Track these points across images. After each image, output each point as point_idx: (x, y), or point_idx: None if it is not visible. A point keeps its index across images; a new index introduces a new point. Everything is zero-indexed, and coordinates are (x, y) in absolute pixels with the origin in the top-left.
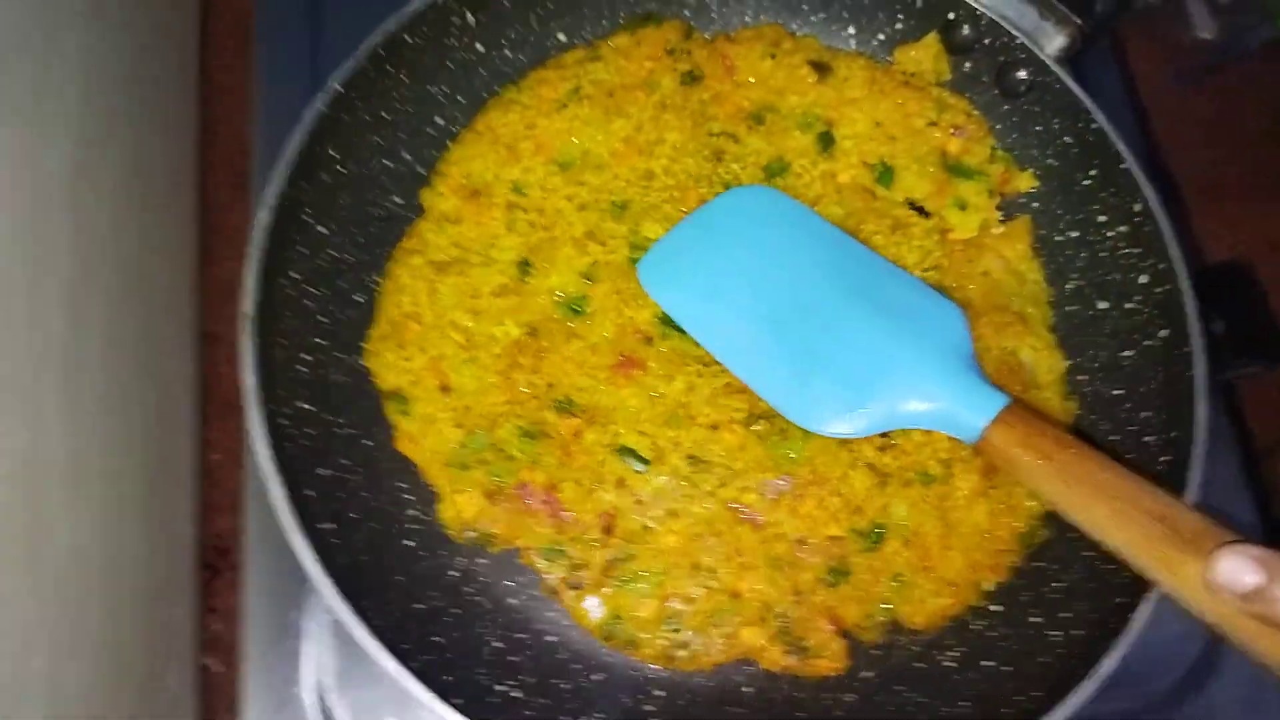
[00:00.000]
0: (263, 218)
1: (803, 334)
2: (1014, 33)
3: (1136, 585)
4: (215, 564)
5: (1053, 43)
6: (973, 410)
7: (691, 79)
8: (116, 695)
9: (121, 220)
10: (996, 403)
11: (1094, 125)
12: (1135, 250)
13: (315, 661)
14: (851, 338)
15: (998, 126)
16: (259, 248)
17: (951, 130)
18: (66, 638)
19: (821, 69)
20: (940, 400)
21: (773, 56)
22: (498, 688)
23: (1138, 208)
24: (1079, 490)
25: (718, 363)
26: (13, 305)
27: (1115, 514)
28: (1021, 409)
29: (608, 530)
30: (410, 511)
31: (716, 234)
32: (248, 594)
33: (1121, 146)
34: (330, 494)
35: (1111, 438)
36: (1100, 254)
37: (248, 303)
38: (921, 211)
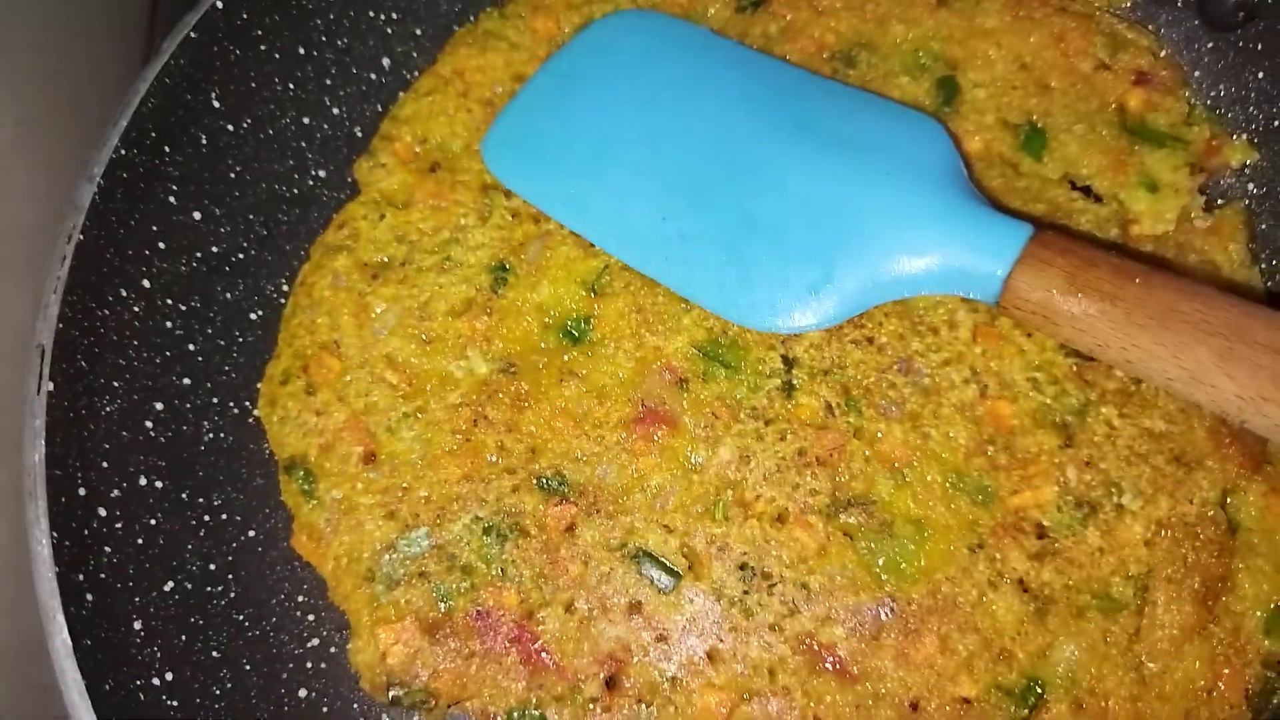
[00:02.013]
0: (82, 198)
1: (732, 198)
2: None
3: None
4: None
5: None
6: (985, 252)
7: (752, 3)
8: None
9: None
10: (1019, 234)
11: None
12: None
13: None
14: (798, 189)
15: (1198, 73)
16: (71, 243)
17: (1132, 77)
18: None
19: None
20: (937, 247)
21: None
22: None
23: None
24: (1164, 334)
25: (784, 417)
26: None
27: (1223, 356)
28: (1057, 237)
29: (612, 684)
30: (310, 644)
31: (585, 84)
32: None
33: None
34: (177, 623)
35: None
36: None
37: (44, 331)
38: (1089, 194)
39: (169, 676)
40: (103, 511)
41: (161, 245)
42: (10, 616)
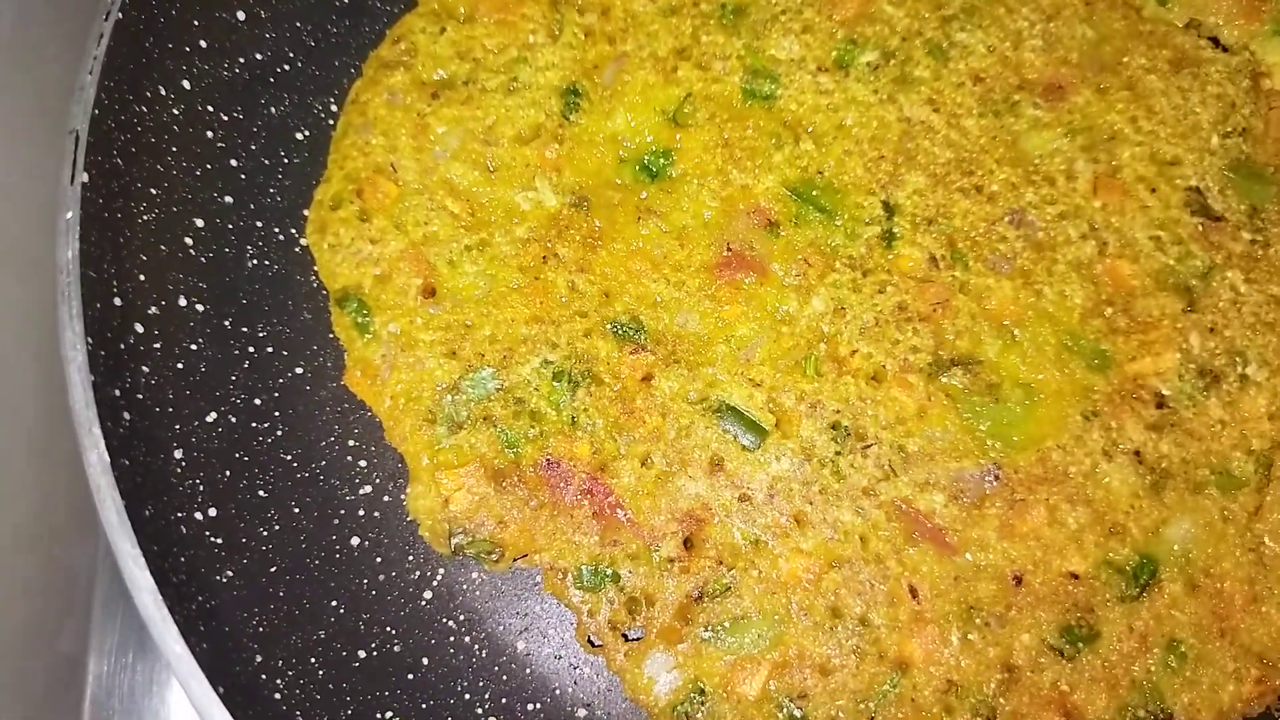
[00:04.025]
0: None
1: None
2: None
3: None
4: None
5: None
6: None
7: None
8: None
9: None
10: None
11: None
12: None
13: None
14: None
15: None
16: (109, 20)
17: None
18: None
19: None
20: None
21: None
22: None
23: None
24: None
25: (884, 268)
26: None
27: None
28: None
29: (690, 544)
30: (362, 491)
31: None
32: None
33: None
34: (220, 456)
35: None
36: None
37: (79, 115)
38: (1218, 44)
39: (212, 512)
40: (139, 327)
41: (202, 43)
42: (45, 427)
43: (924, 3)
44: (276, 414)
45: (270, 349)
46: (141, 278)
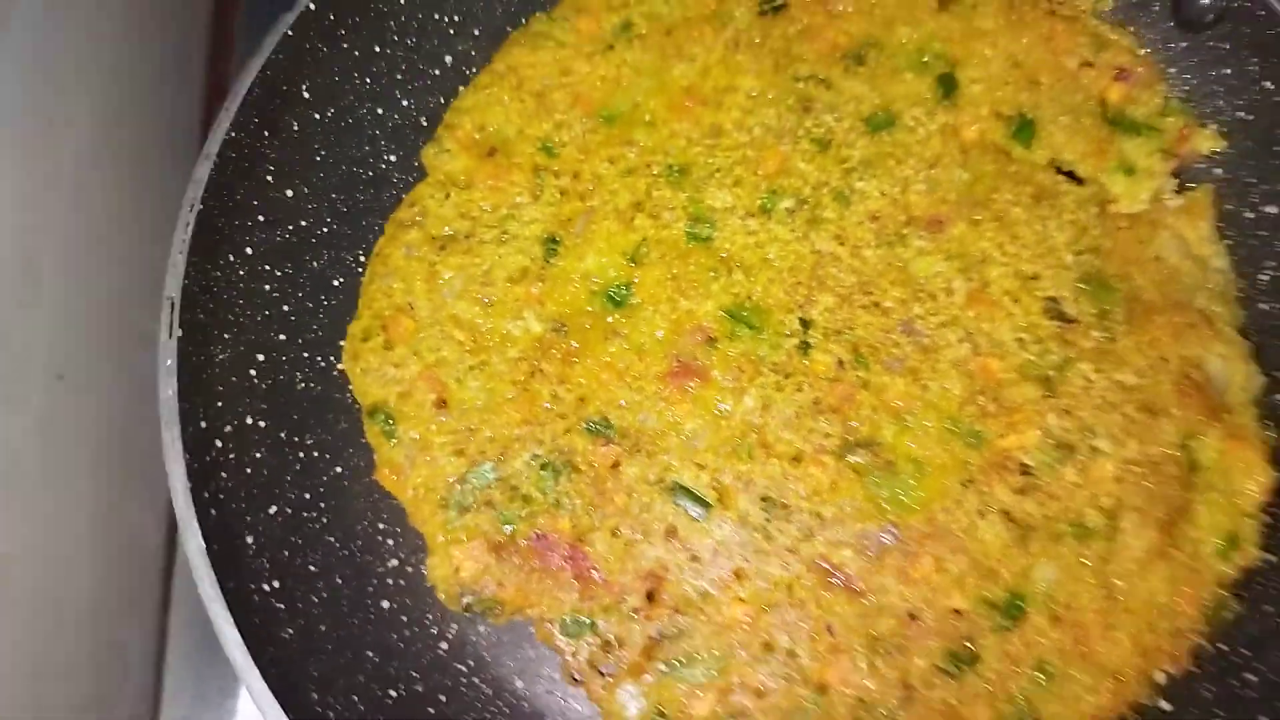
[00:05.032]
0: (201, 173)
1: None
2: None
3: None
4: None
5: None
6: None
7: (772, 9)
8: None
9: (89, 174)
10: None
11: None
12: None
13: None
14: None
15: (1173, 69)
16: (194, 212)
17: (1113, 74)
18: None
19: None
20: None
21: None
22: None
23: None
24: None
25: (803, 372)
26: None
27: None
28: None
29: (652, 597)
30: (390, 564)
31: None
32: (176, 644)
33: None
34: (280, 541)
35: None
36: None
37: (173, 284)
38: (1073, 178)
39: (275, 584)
40: (219, 443)
41: (261, 217)
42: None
43: (829, 160)
44: (322, 505)
45: (316, 453)
46: (219, 404)
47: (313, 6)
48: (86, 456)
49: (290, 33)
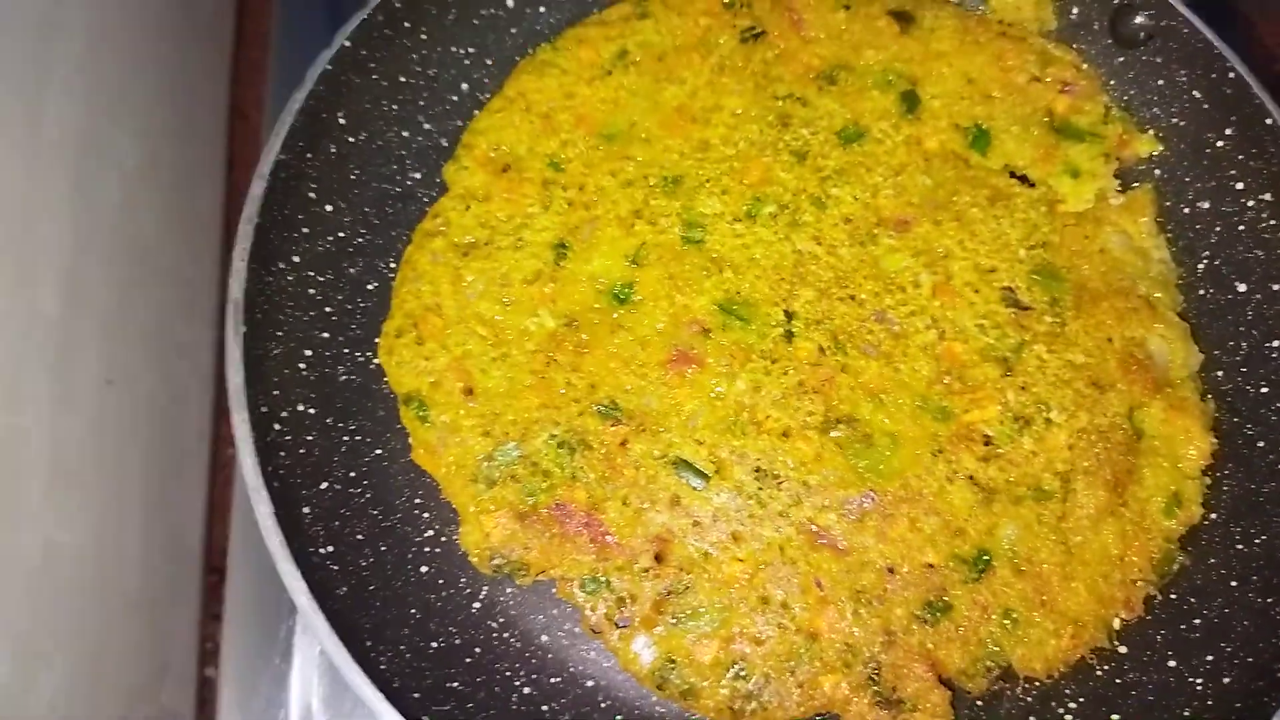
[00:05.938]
0: (256, 190)
1: None
2: None
3: None
4: (223, 567)
5: None
6: None
7: (753, 36)
8: (100, 709)
9: (132, 193)
10: None
11: (1231, 75)
12: None
13: (305, 685)
14: None
15: (1112, 82)
16: (252, 224)
17: (1059, 87)
18: (41, 644)
19: (904, 19)
20: None
21: (846, 7)
22: None
23: None
24: None
25: (788, 357)
26: None
27: None
28: None
29: (660, 558)
30: (427, 533)
31: None
32: (233, 608)
33: (1267, 99)
34: (331, 512)
35: (1259, 444)
36: (1238, 228)
37: (236, 288)
38: (1025, 181)
39: (329, 549)
40: (277, 426)
41: (305, 230)
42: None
43: (806, 169)
44: (365, 483)
45: (359, 437)
46: (275, 392)
47: (348, 44)
48: (134, 455)
49: (329, 67)
